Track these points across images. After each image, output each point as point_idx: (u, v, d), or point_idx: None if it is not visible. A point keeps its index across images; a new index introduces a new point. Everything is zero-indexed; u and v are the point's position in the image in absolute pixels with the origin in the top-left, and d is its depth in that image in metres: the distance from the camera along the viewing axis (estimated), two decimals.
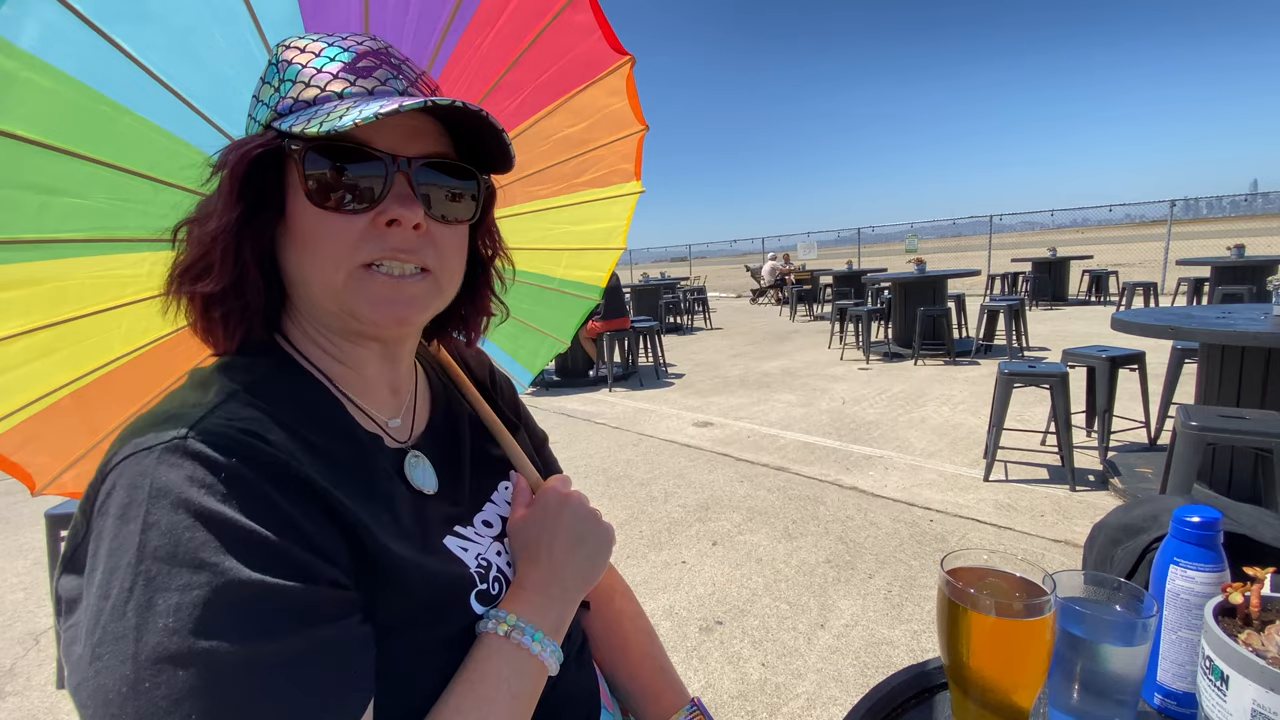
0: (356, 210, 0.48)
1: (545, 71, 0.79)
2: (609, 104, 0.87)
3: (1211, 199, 19.27)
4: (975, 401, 4.95)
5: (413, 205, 0.50)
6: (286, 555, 0.40)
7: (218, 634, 0.35)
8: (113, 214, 0.59)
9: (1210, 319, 2.85)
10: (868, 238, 18.60)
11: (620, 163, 0.97)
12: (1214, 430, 2.25)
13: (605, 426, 5.07)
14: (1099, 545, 0.83)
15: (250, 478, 0.41)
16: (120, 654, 0.35)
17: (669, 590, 2.53)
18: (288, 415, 0.47)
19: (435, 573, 0.50)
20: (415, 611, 0.48)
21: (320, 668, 0.39)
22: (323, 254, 0.49)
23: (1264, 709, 0.47)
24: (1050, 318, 9.40)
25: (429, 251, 0.52)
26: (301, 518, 0.42)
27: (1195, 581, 0.56)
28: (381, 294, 0.50)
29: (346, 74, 0.50)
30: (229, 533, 0.38)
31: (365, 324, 0.52)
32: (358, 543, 0.45)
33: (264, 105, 0.51)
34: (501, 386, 0.79)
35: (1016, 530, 2.82)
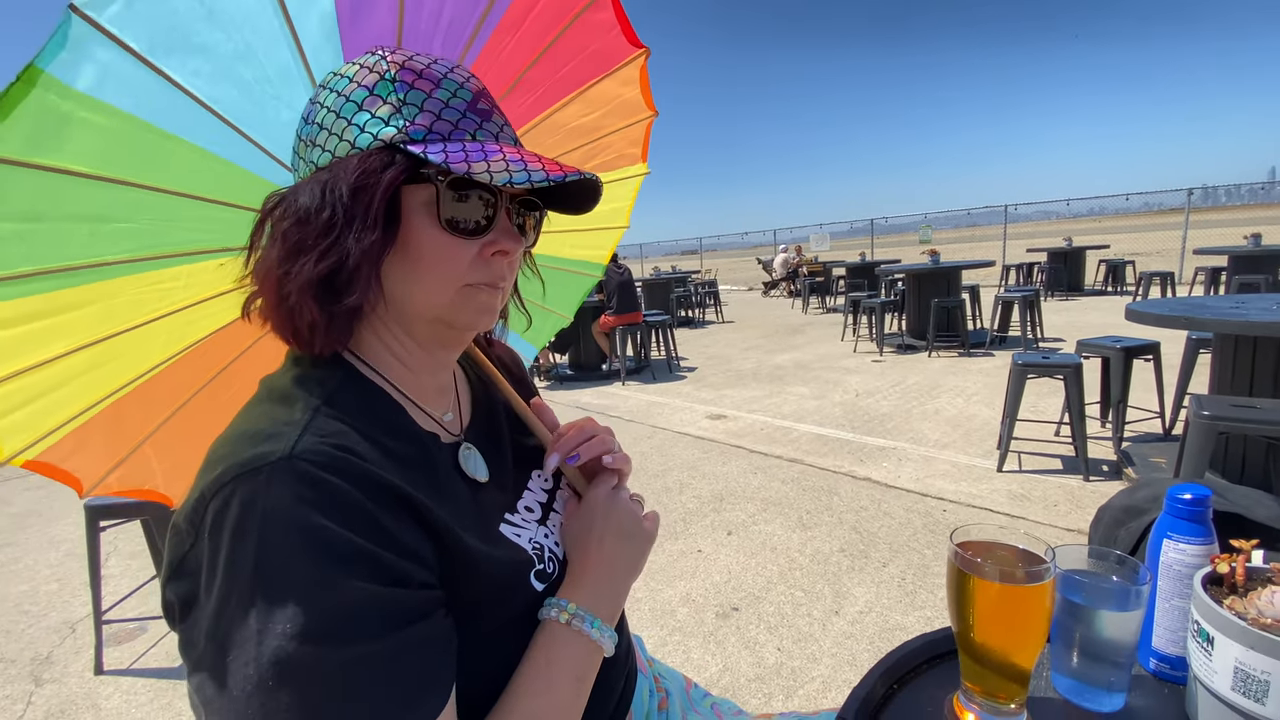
0: (471, 236, 0.54)
1: (564, 67, 0.82)
2: (622, 93, 0.90)
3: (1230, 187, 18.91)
4: (989, 393, 4.95)
5: (517, 239, 0.56)
6: (384, 563, 0.44)
7: (329, 639, 0.40)
8: (158, 233, 0.63)
9: (1224, 309, 2.85)
10: (881, 229, 18.47)
11: (628, 147, 1.00)
12: (1226, 420, 2.27)
13: (619, 419, 5.13)
14: (1104, 525, 0.88)
15: (349, 492, 0.45)
16: (245, 656, 0.39)
17: (685, 578, 2.59)
18: (364, 424, 0.51)
19: (502, 560, 0.56)
20: (486, 597, 0.53)
21: (416, 662, 0.44)
22: (437, 273, 0.54)
23: (1245, 665, 0.52)
24: (1066, 308, 9.33)
25: (510, 276, 0.59)
26: (394, 525, 0.46)
27: (1186, 554, 0.61)
28: (484, 304, 0.56)
29: (473, 115, 0.54)
30: (334, 547, 0.42)
31: (459, 329, 0.58)
32: (440, 540, 0.50)
33: (381, 121, 0.51)
34: (527, 378, 0.85)
35: (1030, 520, 2.85)
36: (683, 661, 2.08)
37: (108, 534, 2.32)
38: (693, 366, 7.21)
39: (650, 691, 0.76)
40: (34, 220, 0.55)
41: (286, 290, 0.52)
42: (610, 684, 0.67)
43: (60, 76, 0.49)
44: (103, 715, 2.01)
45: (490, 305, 0.57)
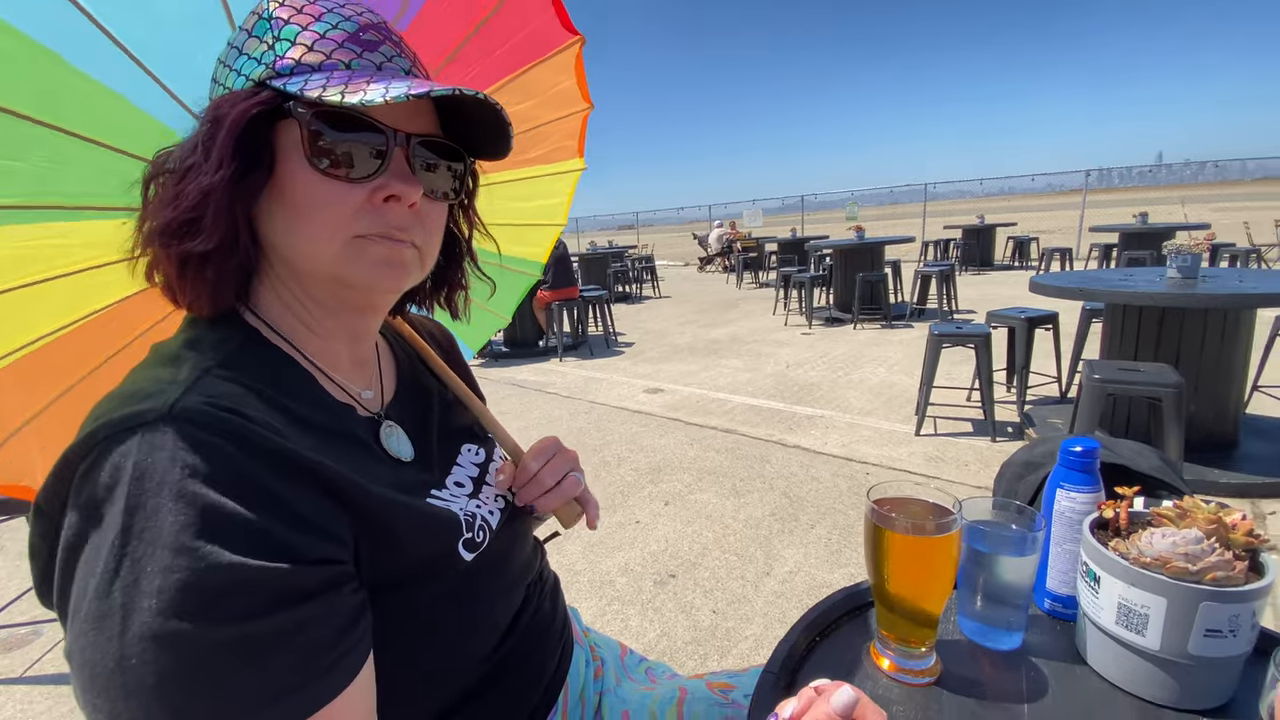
0: (355, 180, 0.49)
1: (498, 47, 0.80)
2: (557, 82, 0.88)
3: (1122, 169, 20.59)
4: (909, 362, 5.23)
5: (413, 183, 0.51)
6: (269, 536, 0.40)
7: (200, 617, 0.37)
8: (51, 179, 0.56)
9: (1113, 281, 3.11)
10: (811, 205, 18.97)
11: (564, 140, 0.98)
12: (1113, 382, 2.49)
13: (557, 396, 5.09)
14: (1006, 479, 0.94)
15: (234, 456, 0.41)
16: (108, 632, 0.36)
17: (624, 549, 2.63)
18: (265, 388, 0.48)
19: (426, 531, 0.53)
20: (411, 570, 0.51)
21: (303, 644, 0.40)
22: (318, 221, 0.49)
23: (1127, 600, 0.57)
24: (978, 282, 9.93)
25: (418, 229, 0.54)
26: (288, 493, 0.43)
27: (1077, 501, 0.66)
28: (381, 255, 0.51)
29: (352, 45, 0.50)
30: (211, 515, 0.39)
31: (358, 288, 0.53)
32: (353, 505, 0.47)
33: (253, 60, 0.49)
34: (461, 358, 0.82)
35: (944, 479, 3.06)
36: (621, 629, 2.11)
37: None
38: (630, 342, 7.22)
39: (586, 661, 0.77)
40: None
41: (151, 241, 0.49)
42: (546, 656, 0.67)
43: None
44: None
45: (391, 259, 0.52)
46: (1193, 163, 23.12)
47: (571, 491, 0.67)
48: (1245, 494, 2.61)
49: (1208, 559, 0.55)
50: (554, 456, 0.68)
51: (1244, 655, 0.54)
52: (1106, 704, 0.58)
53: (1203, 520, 0.59)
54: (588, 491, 0.73)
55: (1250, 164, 24.86)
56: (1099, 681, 0.60)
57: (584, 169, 1.04)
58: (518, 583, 0.64)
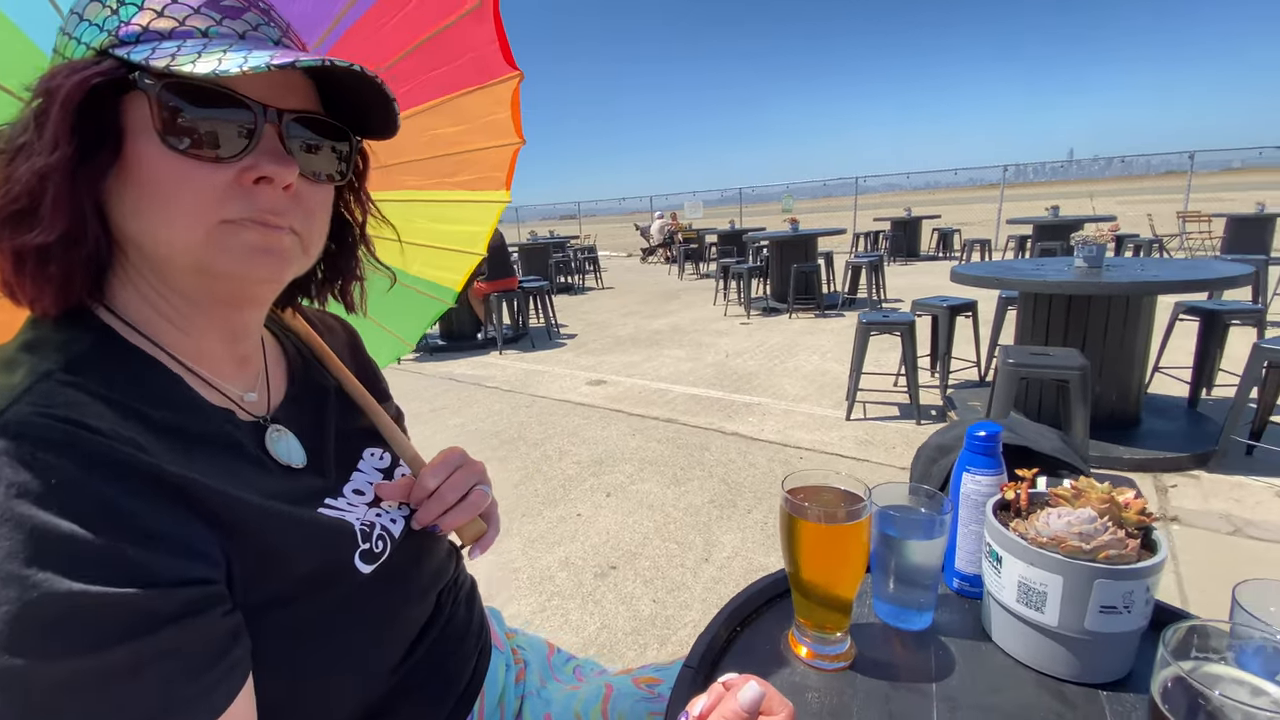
0: (219, 160, 0.44)
1: (437, 68, 0.80)
2: (493, 113, 0.89)
3: (1037, 165, 21.94)
4: (840, 350, 5.40)
5: (287, 163, 0.47)
6: (116, 558, 0.36)
7: (34, 652, 0.33)
8: None
9: (1026, 271, 3.30)
10: (749, 197, 19.31)
11: (493, 170, 0.98)
12: (1025, 366, 2.65)
13: (497, 390, 4.98)
14: (921, 463, 0.98)
15: (72, 473, 0.37)
16: None
17: (565, 543, 2.60)
18: (120, 394, 0.43)
19: (316, 544, 0.49)
20: (299, 585, 0.47)
21: (162, 676, 0.37)
22: (177, 206, 0.44)
23: (1027, 580, 0.59)
24: (906, 272, 10.37)
25: (296, 213, 0.49)
26: (140, 510, 0.39)
27: (981, 484, 0.68)
28: (254, 242, 0.47)
29: (210, 10, 0.45)
30: (44, 539, 0.35)
31: (229, 279, 0.48)
32: (224, 519, 0.43)
33: (94, 26, 0.44)
34: (365, 357, 0.77)
35: (873, 462, 3.17)
36: (561, 624, 2.09)
37: None
38: (573, 333, 7.16)
39: (507, 665, 0.74)
40: None
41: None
42: (461, 664, 0.64)
43: None
44: None
45: (265, 246, 0.48)
46: (1101, 159, 25.02)
47: (477, 507, 0.63)
48: (1147, 469, 2.83)
49: (1101, 538, 0.57)
50: (456, 470, 0.63)
51: (1139, 630, 0.57)
52: (1010, 679, 0.60)
53: (1096, 500, 0.61)
54: (494, 508, 0.69)
55: (1154, 160, 27.02)
56: (1003, 658, 0.62)
57: (508, 202, 1.04)
58: (427, 591, 0.61)
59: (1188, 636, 0.40)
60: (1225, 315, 3.42)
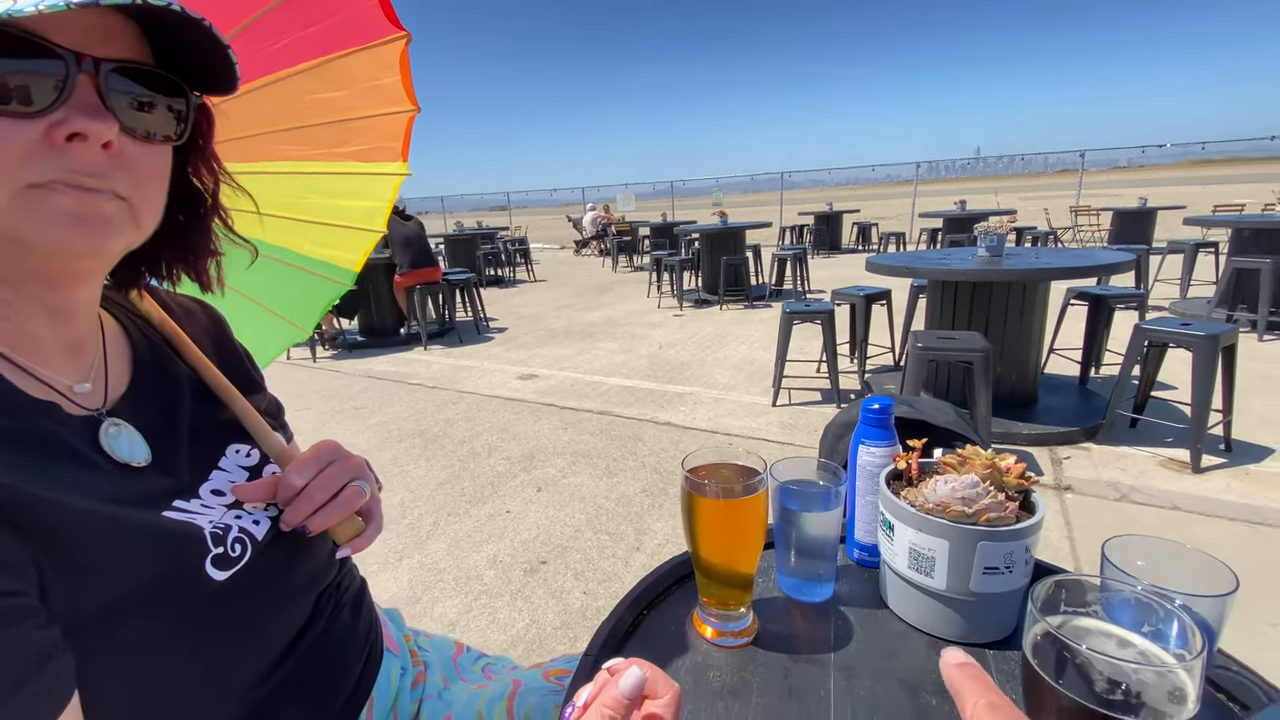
0: (22, 115, 0.39)
1: (311, 25, 0.73)
2: (378, 77, 0.83)
3: (947, 162, 23.29)
4: (768, 339, 5.54)
5: (103, 118, 0.41)
6: None
7: None
8: None
9: (934, 260, 3.48)
10: (680, 191, 19.50)
11: (386, 140, 0.92)
12: (932, 349, 2.79)
13: (421, 387, 4.80)
14: (828, 440, 1.00)
15: None
16: None
17: (493, 540, 2.54)
18: None
19: (154, 549, 0.44)
20: (135, 594, 0.42)
21: None
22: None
23: (916, 545, 0.61)
24: (829, 264, 10.76)
25: (120, 175, 0.44)
26: None
27: (875, 455, 0.70)
28: (68, 208, 0.41)
29: None
30: None
31: (42, 251, 0.42)
32: (33, 525, 0.38)
33: None
34: (231, 343, 0.70)
35: (796, 445, 3.27)
36: (489, 623, 2.04)
37: None
38: (503, 327, 7.00)
39: (402, 669, 0.70)
40: None
41: None
42: (344, 670, 0.59)
43: None
44: None
45: (81, 212, 0.42)
46: (1005, 156, 26.93)
47: (351, 505, 0.57)
48: (1044, 442, 3.05)
49: (982, 501, 0.59)
50: (329, 465, 0.58)
51: (1021, 589, 0.60)
52: (904, 643, 0.61)
53: (979, 466, 0.64)
54: (376, 503, 0.64)
55: (1051, 158, 29.27)
56: (899, 624, 0.64)
57: (407, 174, 0.98)
58: (299, 596, 0.56)
59: (1055, 592, 0.41)
60: (1111, 300, 3.73)
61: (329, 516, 0.56)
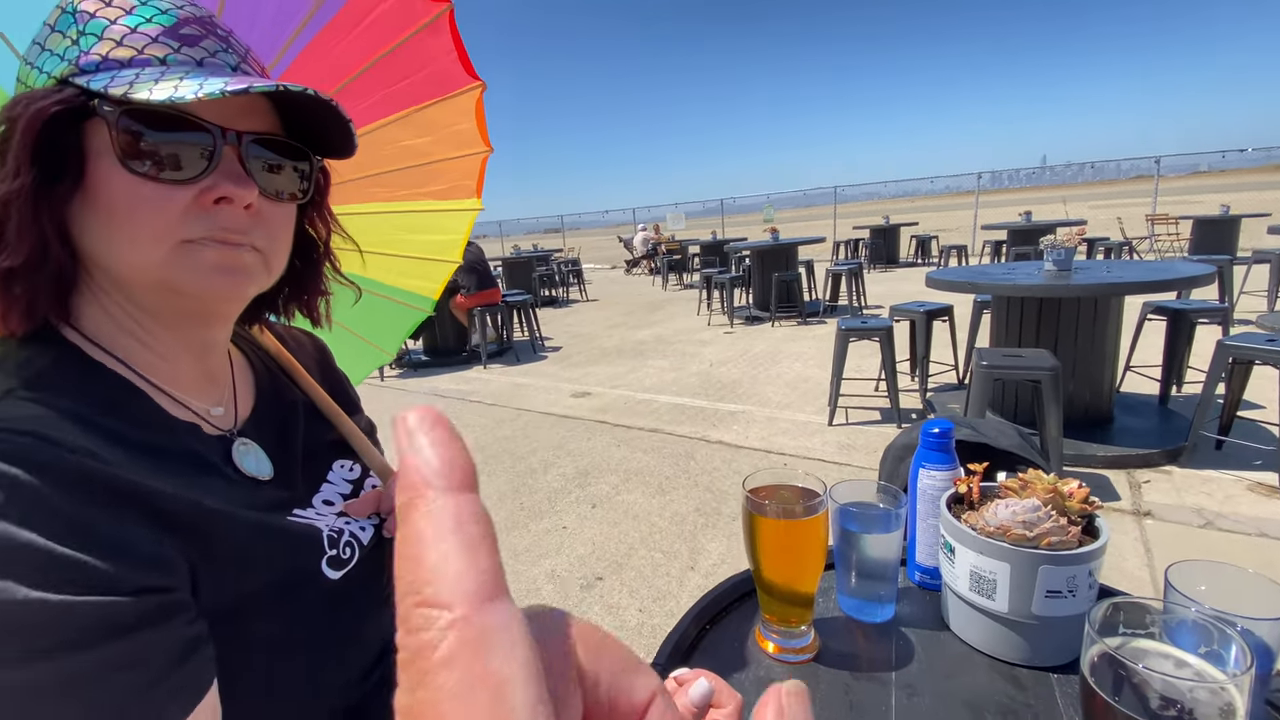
0: (179, 181, 0.46)
1: (398, 82, 0.81)
2: (457, 123, 0.91)
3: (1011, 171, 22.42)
4: (822, 357, 5.46)
5: (246, 183, 0.48)
6: (74, 567, 0.37)
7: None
8: None
9: (998, 275, 3.38)
10: (730, 208, 19.52)
11: (463, 179, 1.00)
12: (998, 368, 2.71)
13: (481, 404, 4.98)
14: (889, 462, 1.00)
15: (29, 484, 0.38)
16: None
17: (550, 555, 2.60)
18: (82, 409, 0.44)
19: (282, 550, 0.50)
20: (267, 591, 0.48)
21: (120, 684, 0.37)
22: (137, 227, 0.46)
23: (978, 568, 0.62)
24: (885, 279, 10.51)
25: (258, 231, 0.51)
26: (101, 520, 0.39)
27: (936, 479, 0.71)
28: (215, 261, 0.48)
29: (168, 39, 0.47)
30: (2, 549, 0.36)
31: (193, 296, 0.50)
32: (187, 528, 0.44)
33: (55, 56, 0.46)
34: (334, 370, 0.78)
35: (854, 465, 3.21)
36: None
37: None
38: (557, 346, 7.16)
39: None
40: None
41: None
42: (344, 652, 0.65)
43: None
44: None
45: (227, 264, 0.49)
46: (1073, 164, 25.55)
47: None
48: (1121, 465, 2.89)
49: (1043, 525, 0.60)
50: None
51: (1084, 614, 0.60)
52: (966, 665, 0.62)
53: (1041, 490, 0.64)
54: None
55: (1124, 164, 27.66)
56: (960, 645, 0.65)
57: (481, 209, 1.06)
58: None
59: (1113, 614, 0.42)
60: (1191, 314, 3.52)
61: None
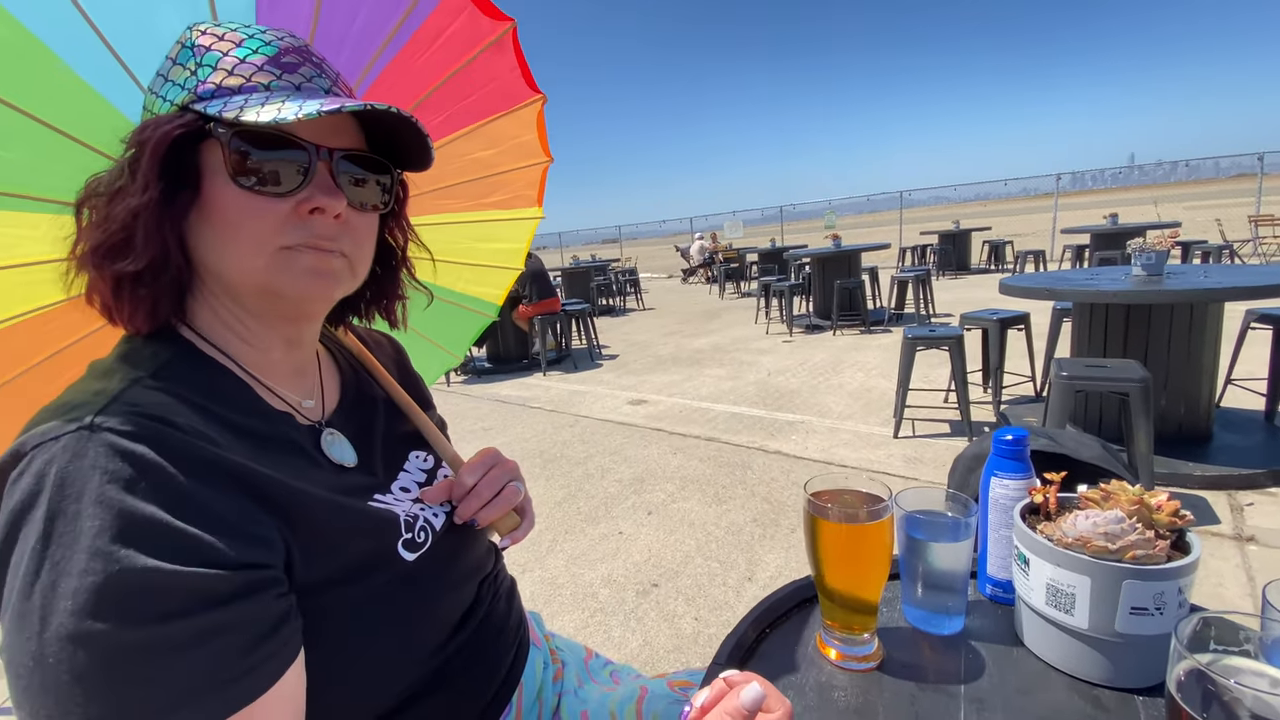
0: (279, 194, 0.51)
1: (466, 97, 0.86)
2: (520, 135, 0.95)
3: (1095, 172, 20.97)
4: (887, 366, 5.29)
5: (336, 195, 0.53)
6: (188, 540, 0.41)
7: (112, 618, 0.37)
8: (23, 168, 0.58)
9: (1079, 281, 3.19)
10: (790, 215, 19.24)
11: (525, 189, 1.05)
12: (1081, 379, 2.55)
13: (540, 410, 5.08)
14: (958, 473, 0.97)
15: (156, 463, 0.42)
16: (28, 631, 0.37)
17: (607, 560, 2.63)
18: (198, 398, 0.50)
19: (364, 532, 0.55)
20: (351, 568, 0.52)
21: (218, 648, 0.40)
22: (244, 235, 0.51)
23: (1055, 581, 0.59)
24: (955, 286, 10.08)
25: (346, 239, 0.56)
26: (212, 499, 0.44)
27: (1009, 488, 0.68)
28: (309, 265, 0.53)
29: (271, 67, 0.52)
30: (129, 520, 0.40)
31: (288, 298, 0.55)
32: (284, 509, 0.48)
33: (177, 86, 0.52)
34: (410, 369, 0.84)
35: (922, 480, 3.09)
36: (603, 640, 2.11)
37: None
38: (614, 354, 7.24)
39: (545, 663, 0.78)
40: None
41: (85, 263, 0.51)
42: (500, 655, 0.68)
43: None
44: None
45: (318, 268, 0.54)
46: (1165, 163, 23.72)
47: (511, 502, 0.67)
48: (1220, 486, 2.66)
49: (1128, 538, 0.57)
50: (492, 469, 0.68)
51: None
52: (1041, 682, 0.59)
53: (1126, 502, 0.61)
54: (528, 502, 0.73)
55: (1223, 162, 25.53)
56: (1035, 662, 0.62)
57: (542, 217, 1.11)
58: (467, 580, 0.65)
59: (1204, 630, 0.40)
60: None
61: (494, 511, 0.66)
